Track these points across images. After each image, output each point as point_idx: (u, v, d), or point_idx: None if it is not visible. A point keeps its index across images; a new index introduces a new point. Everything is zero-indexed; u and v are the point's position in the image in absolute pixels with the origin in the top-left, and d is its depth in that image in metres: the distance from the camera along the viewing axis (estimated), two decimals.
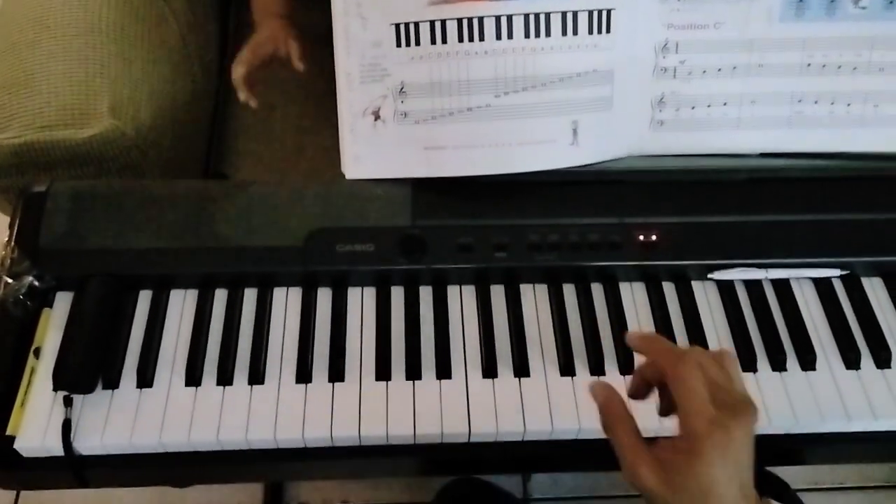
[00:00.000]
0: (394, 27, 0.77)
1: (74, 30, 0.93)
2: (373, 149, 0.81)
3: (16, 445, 0.70)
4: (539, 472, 1.40)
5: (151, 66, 0.97)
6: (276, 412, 0.73)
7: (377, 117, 0.79)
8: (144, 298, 0.79)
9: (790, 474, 0.95)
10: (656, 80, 0.81)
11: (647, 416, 0.60)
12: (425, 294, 0.81)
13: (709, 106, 0.82)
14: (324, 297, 0.80)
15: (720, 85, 0.82)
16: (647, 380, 0.62)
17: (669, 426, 0.57)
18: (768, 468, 0.94)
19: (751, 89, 0.82)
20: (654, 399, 0.62)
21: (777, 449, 0.78)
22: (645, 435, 0.57)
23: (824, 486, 1.48)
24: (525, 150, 0.80)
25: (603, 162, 0.83)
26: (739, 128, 0.83)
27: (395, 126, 0.80)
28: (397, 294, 0.80)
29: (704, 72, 0.81)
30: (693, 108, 0.82)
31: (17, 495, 1.42)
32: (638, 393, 0.63)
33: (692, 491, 0.55)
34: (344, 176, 0.83)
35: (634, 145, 0.83)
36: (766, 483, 0.93)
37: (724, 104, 0.82)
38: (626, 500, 1.45)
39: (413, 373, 0.75)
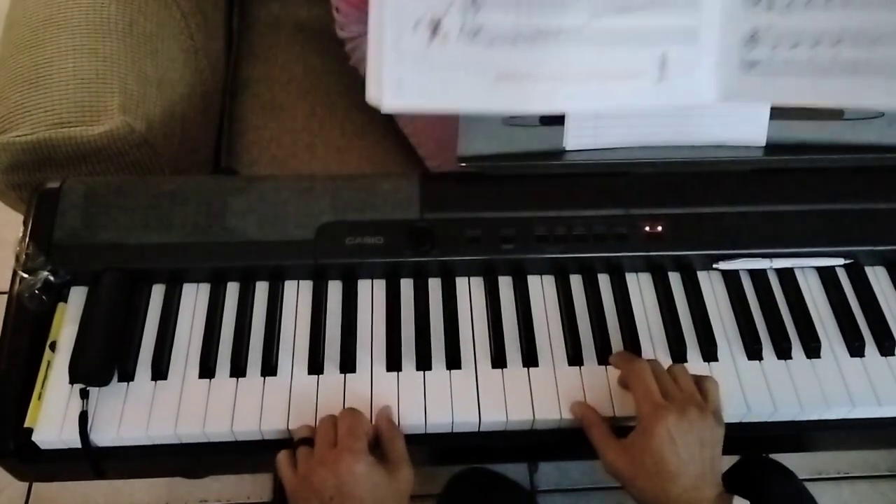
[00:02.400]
0: None
1: (84, 27, 0.94)
2: (424, 72, 0.67)
3: (34, 438, 0.72)
4: (548, 461, 1.41)
5: (160, 63, 0.98)
6: (289, 403, 0.74)
7: (435, 32, 0.65)
8: (158, 292, 0.80)
9: (796, 463, 0.96)
10: (748, 11, 0.68)
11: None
12: (434, 286, 0.82)
13: (815, 45, 0.68)
14: (334, 289, 0.81)
15: (824, 20, 0.68)
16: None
17: None
18: (774, 456, 0.96)
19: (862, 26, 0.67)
20: None
21: (783, 436, 0.79)
22: None
23: (830, 476, 1.49)
24: (613, 84, 0.71)
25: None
26: (846, 74, 0.69)
27: (458, 46, 0.65)
28: (407, 286, 0.81)
29: (807, 2, 0.67)
30: (793, 47, 0.68)
31: (30, 486, 1.44)
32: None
33: (648, 467, 0.66)
34: (347, 173, 0.82)
35: (723, 89, 0.73)
36: (770, 471, 0.94)
37: (834, 44, 0.68)
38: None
39: (423, 363, 0.76)
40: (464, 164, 0.82)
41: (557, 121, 0.82)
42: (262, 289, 0.81)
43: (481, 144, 0.82)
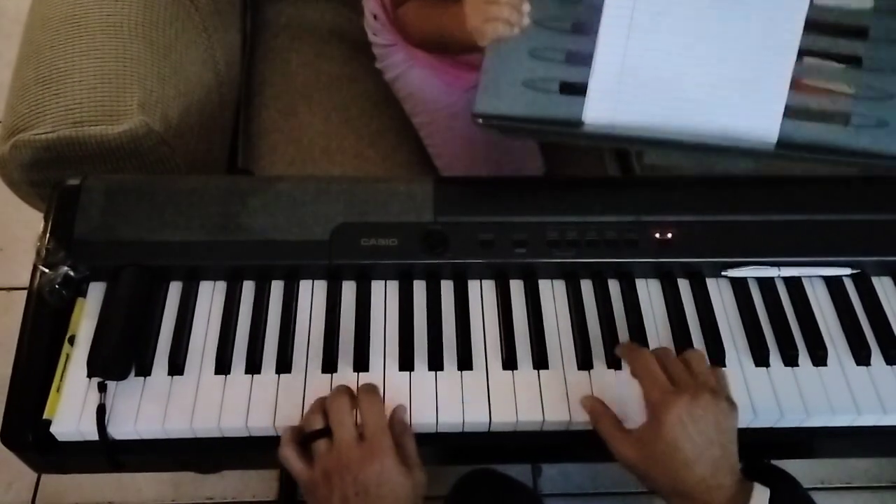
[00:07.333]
0: None
1: (104, 27, 0.95)
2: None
3: (52, 429, 0.73)
4: (555, 462, 1.42)
5: (178, 64, 0.99)
6: (303, 400, 0.75)
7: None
8: (175, 289, 0.82)
9: (799, 472, 0.97)
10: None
11: None
12: (447, 288, 0.83)
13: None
14: (348, 289, 0.82)
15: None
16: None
17: None
18: (779, 464, 0.96)
19: None
20: None
21: (788, 442, 0.80)
22: None
23: (833, 485, 1.49)
24: None
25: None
26: None
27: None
28: (419, 288, 0.82)
29: None
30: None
31: (38, 481, 1.45)
32: None
33: (660, 456, 0.65)
34: (359, 177, 0.82)
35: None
36: (775, 480, 0.95)
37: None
38: (635, 498, 1.46)
39: (435, 364, 0.78)
40: (480, 121, 0.80)
41: (578, 91, 0.81)
42: (277, 287, 0.82)
43: (499, 103, 0.80)
